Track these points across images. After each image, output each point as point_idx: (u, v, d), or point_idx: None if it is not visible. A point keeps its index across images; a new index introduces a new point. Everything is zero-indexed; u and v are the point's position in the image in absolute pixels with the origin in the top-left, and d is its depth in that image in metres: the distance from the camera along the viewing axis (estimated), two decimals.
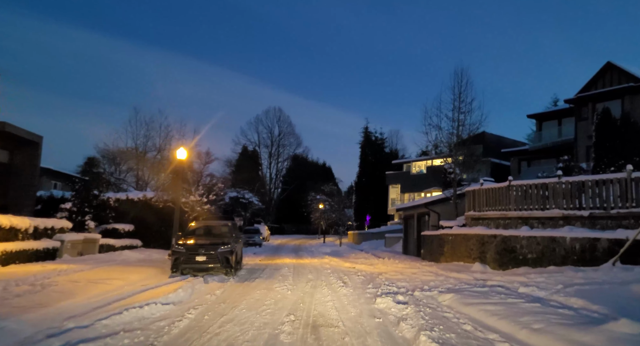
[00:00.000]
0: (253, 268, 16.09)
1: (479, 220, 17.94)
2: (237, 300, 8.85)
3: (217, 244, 12.50)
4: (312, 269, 16.63)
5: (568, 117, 29.71)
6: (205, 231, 13.91)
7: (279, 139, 66.69)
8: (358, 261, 20.67)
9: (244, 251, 27.84)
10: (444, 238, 18.59)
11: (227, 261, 12.43)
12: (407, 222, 27.24)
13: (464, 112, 21.10)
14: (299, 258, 23.08)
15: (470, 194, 18.68)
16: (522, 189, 15.82)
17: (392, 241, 31.68)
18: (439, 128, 21.47)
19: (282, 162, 67.81)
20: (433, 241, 20.12)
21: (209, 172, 22.89)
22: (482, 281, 12.29)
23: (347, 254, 26.45)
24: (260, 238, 35.60)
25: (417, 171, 49.46)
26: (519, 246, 14.65)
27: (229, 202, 35.33)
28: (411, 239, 26.12)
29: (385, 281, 12.43)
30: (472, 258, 16.58)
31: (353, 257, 23.91)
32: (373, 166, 58.05)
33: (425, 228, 23.57)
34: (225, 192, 36.12)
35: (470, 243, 16.71)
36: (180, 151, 15.67)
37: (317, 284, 11.70)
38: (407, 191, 49.61)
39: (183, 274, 12.31)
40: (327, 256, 24.58)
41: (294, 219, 64.80)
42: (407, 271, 15.61)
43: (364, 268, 17.37)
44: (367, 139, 60.17)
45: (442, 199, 22.40)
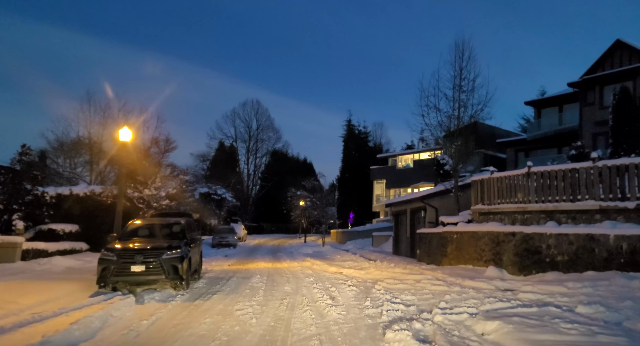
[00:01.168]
0: (217, 277, 12.91)
1: (489, 215, 15.14)
2: (168, 338, 5.74)
3: (161, 249, 9.32)
4: (291, 276, 13.56)
5: (570, 103, 27.31)
6: (149, 231, 10.68)
7: (257, 134, 63.22)
8: (345, 265, 17.69)
9: (214, 254, 24.65)
10: (447, 237, 15.75)
11: (176, 271, 9.26)
12: (398, 219, 24.41)
13: (466, 91, 18.34)
14: (276, 262, 19.97)
15: (477, 185, 15.88)
16: (546, 176, 13.04)
17: (380, 240, 28.83)
18: (437, 109, 18.63)
19: (260, 157, 64.36)
20: (432, 241, 17.28)
21: (169, 162, 19.57)
22: (511, 293, 9.43)
23: (331, 256, 23.43)
24: (234, 238, 32.31)
25: (403, 166, 46.81)
26: (545, 246, 11.88)
27: (199, 198, 31.98)
28: (403, 238, 23.28)
29: (386, 294, 9.46)
30: (483, 261, 13.76)
31: (339, 259, 20.91)
32: (357, 161, 55.28)
33: (421, 225, 20.75)
34: (195, 187, 32.75)
35: (481, 243, 13.89)
36: (123, 131, 12.41)
37: (295, 302, 8.63)
38: (393, 187, 46.93)
39: (115, 290, 9.10)
40: (309, 258, 21.54)
41: (273, 217, 61.48)
42: (408, 277, 12.68)
43: (353, 274, 14.40)
44: (350, 133, 57.31)
45: (440, 193, 19.60)
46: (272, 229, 61.97)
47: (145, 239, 10.06)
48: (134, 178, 17.12)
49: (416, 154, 45.37)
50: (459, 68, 18.43)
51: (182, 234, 10.56)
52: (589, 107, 24.77)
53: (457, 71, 18.46)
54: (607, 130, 23.15)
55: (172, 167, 19.25)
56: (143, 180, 17.54)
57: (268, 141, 64.28)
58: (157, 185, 17.73)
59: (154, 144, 19.23)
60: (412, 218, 21.93)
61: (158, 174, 18.43)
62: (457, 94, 18.37)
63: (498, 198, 14.69)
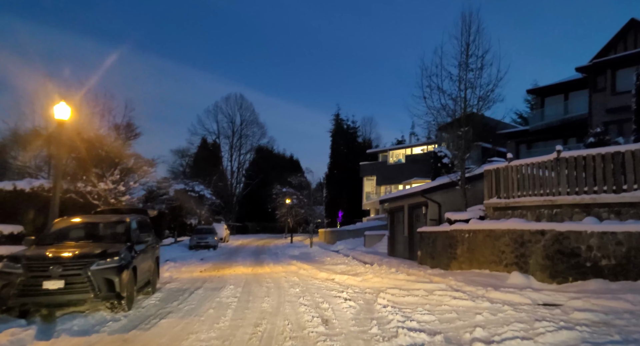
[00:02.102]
0: (179, 289, 10.39)
1: (506, 210, 12.88)
2: None
3: (89, 257, 6.80)
4: (273, 286, 11.11)
5: (577, 91, 25.34)
6: (83, 232, 8.12)
7: (241, 129, 60.43)
8: (337, 269, 15.31)
9: (189, 257, 22.04)
10: (456, 236, 13.46)
11: (110, 287, 6.77)
12: (394, 216, 22.11)
13: (474, 69, 16.06)
14: (258, 266, 17.49)
15: (491, 175, 13.61)
16: (580, 162, 10.80)
17: (374, 240, 26.52)
18: (440, 90, 16.31)
19: (244, 154, 61.58)
20: (436, 241, 14.99)
21: (133, 152, 16.94)
22: (561, 311, 7.18)
23: (320, 258, 21.03)
24: (214, 239, 29.74)
25: (394, 161, 44.67)
26: (585, 248, 9.63)
27: (174, 196, 29.29)
28: (400, 238, 20.98)
29: (395, 314, 7.12)
30: (503, 265, 11.49)
31: (329, 262, 18.51)
32: (345, 157, 52.95)
33: (421, 223, 18.47)
34: (171, 184, 30.04)
35: (501, 243, 11.61)
36: (59, 108, 9.83)
37: (275, 331, 6.19)
38: (384, 183, 44.78)
39: (24, 315, 6.56)
40: (296, 261, 19.11)
41: (258, 217, 58.82)
42: (416, 286, 10.34)
43: (348, 281, 12.04)
44: (338, 128, 54.92)
45: (443, 186, 17.32)
46: (257, 229, 59.34)
47: (73, 244, 7.51)
48: (88, 169, 14.51)
49: (408, 149, 43.28)
50: (466, 43, 16.15)
51: (126, 236, 8.01)
52: (600, 94, 22.78)
53: (464, 47, 16.17)
54: (621, 118, 21.16)
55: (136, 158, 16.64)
56: (100, 173, 14.93)
57: (252, 137, 61.66)
58: (115, 178, 15.06)
59: (114, 131, 16.64)
60: (410, 215, 19.64)
61: (119, 165, 15.80)
62: (464, 73, 16.09)
63: (518, 189, 12.42)
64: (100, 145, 15.44)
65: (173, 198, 29.38)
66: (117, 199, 15.06)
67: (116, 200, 15.05)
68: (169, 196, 28.91)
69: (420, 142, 44.59)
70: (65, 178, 14.24)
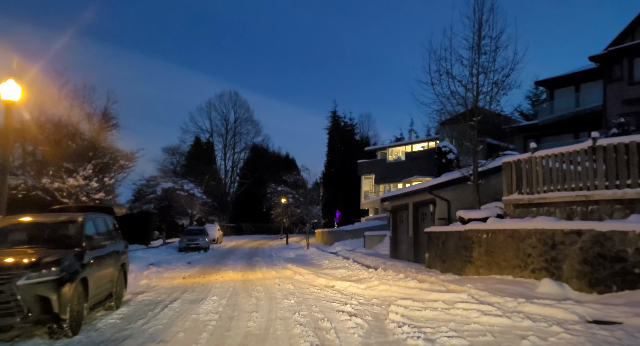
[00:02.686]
0: (152, 301, 8.78)
1: (529, 208, 11.36)
2: None
3: (15, 269, 5.20)
4: (264, 296, 9.54)
5: (590, 82, 23.92)
6: (24, 235, 6.49)
7: (235, 127, 58.68)
8: (337, 274, 13.75)
9: (176, 261, 20.34)
10: (472, 237, 11.92)
11: (45, 307, 5.19)
12: (397, 216, 20.57)
13: (487, 52, 14.54)
14: (250, 270, 15.91)
15: (511, 168, 12.10)
16: (621, 152, 9.28)
17: (374, 241, 24.99)
18: (450, 76, 14.76)
19: (239, 153, 59.84)
20: (447, 242, 13.46)
21: (109, 145, 15.11)
22: (623, 333, 5.64)
23: (318, 261, 19.46)
24: (205, 240, 28.10)
25: (394, 159, 43.16)
26: (632, 251, 8.11)
27: (162, 195, 27.61)
28: (403, 239, 19.45)
29: (415, 336, 5.60)
30: (529, 270, 9.96)
31: (328, 266, 16.94)
32: (343, 155, 51.45)
33: (427, 222, 16.95)
34: (158, 182, 28.40)
35: (526, 245, 10.07)
36: (7, 87, 8.20)
37: None
38: (383, 182, 43.29)
39: None
40: (291, 264, 17.54)
41: (253, 217, 57.16)
42: (432, 297, 8.80)
43: (351, 289, 10.50)
44: (335, 125, 53.37)
45: (453, 182, 15.79)
46: (251, 230, 57.67)
47: (5, 251, 5.89)
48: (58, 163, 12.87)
49: (408, 146, 41.80)
50: (478, 23, 14.59)
51: (77, 239, 6.40)
52: (615, 84, 21.33)
53: (476, 28, 14.61)
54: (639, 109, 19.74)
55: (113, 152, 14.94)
56: (72, 168, 13.27)
57: (247, 135, 59.89)
58: (87, 173, 13.38)
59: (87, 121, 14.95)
60: (415, 214, 18.10)
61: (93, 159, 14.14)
62: (476, 56, 14.55)
63: (544, 184, 10.91)
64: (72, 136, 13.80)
65: (161, 197, 27.73)
66: (89, 197, 13.45)
67: (88, 198, 13.43)
68: (157, 195, 27.27)
69: (421, 139, 43.13)
70: (28, 172, 12.57)
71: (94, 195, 13.59)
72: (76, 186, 13.04)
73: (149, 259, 19.78)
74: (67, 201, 12.93)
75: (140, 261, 18.28)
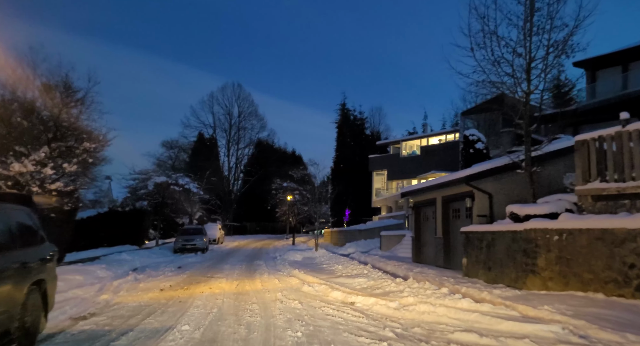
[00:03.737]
0: (90, 335, 5.99)
1: (619, 200, 8.46)
2: None
3: None
4: (259, 320, 6.77)
5: None
6: None
7: (239, 121, 55.87)
8: (356, 285, 10.95)
9: (166, 264, 17.47)
10: (535, 239, 9.04)
11: None
12: (421, 213, 17.71)
13: (541, 7, 11.58)
14: (247, 278, 13.13)
15: (587, 148, 9.21)
16: None
17: (391, 242, 22.15)
18: (496, 37, 11.82)
19: (243, 148, 57.01)
20: (495, 245, 10.61)
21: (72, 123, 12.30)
22: None
23: (329, 265, 16.64)
24: (203, 240, 25.43)
25: (408, 153, 40.24)
26: None
27: (153, 190, 24.93)
28: (430, 240, 16.59)
29: None
30: (633, 287, 7.08)
31: (342, 272, 14.11)
32: (352, 150, 48.58)
33: (462, 220, 14.12)
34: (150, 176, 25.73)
35: (627, 251, 7.20)
36: None
37: None
38: (396, 178, 40.38)
39: None
40: (298, 270, 14.76)
41: (258, 216, 54.40)
42: (503, 328, 6.00)
43: (378, 309, 7.79)
44: (344, 118, 50.44)
45: (496, 171, 12.90)
46: (256, 230, 54.94)
47: None
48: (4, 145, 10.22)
49: (423, 139, 38.82)
50: None
51: None
52: None
53: None
54: None
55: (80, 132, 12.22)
56: (26, 151, 10.63)
57: (251, 130, 57.04)
58: (38, 158, 10.62)
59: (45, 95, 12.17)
60: (445, 211, 15.23)
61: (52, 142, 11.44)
62: (528, 13, 11.59)
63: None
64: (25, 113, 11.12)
65: (153, 193, 25.07)
66: (43, 188, 10.74)
67: (41, 188, 10.73)
68: (148, 191, 24.61)
69: (437, 131, 40.17)
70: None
71: (50, 185, 10.90)
72: (23, 173, 10.36)
73: (133, 264, 17.11)
74: (15, 191, 10.27)
75: (122, 266, 15.61)
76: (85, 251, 21.60)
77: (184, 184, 24.99)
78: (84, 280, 11.47)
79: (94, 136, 12.28)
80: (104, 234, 25.50)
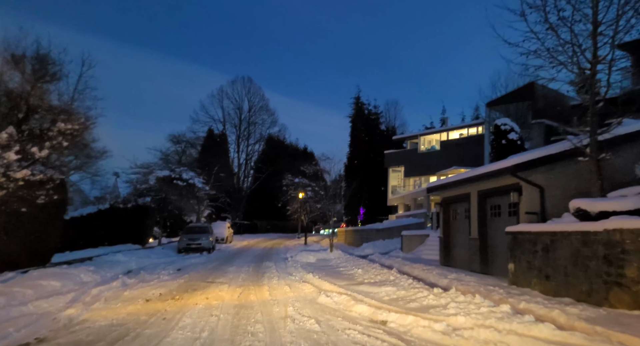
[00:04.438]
0: None
1: None
2: None
3: None
4: None
5: None
6: None
7: (249, 116, 54.08)
8: (383, 294, 9.01)
9: (167, 265, 15.63)
10: (620, 244, 7.02)
11: None
12: (450, 210, 15.69)
13: None
14: (254, 283, 11.25)
15: None
16: None
17: (413, 243, 20.14)
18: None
19: (253, 144, 55.20)
20: (555, 249, 8.61)
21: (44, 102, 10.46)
22: None
23: (347, 269, 14.69)
24: (209, 240, 23.67)
25: (426, 148, 38.06)
26: None
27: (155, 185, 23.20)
28: (462, 241, 14.55)
29: None
30: None
31: (363, 277, 12.14)
32: (367, 146, 46.46)
33: (503, 218, 12.08)
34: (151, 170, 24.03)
35: None
36: None
37: None
38: (413, 175, 38.28)
39: None
40: (312, 274, 12.86)
41: (268, 214, 52.63)
42: None
43: (420, 333, 5.96)
44: (358, 112, 48.33)
45: (548, 159, 10.82)
46: (267, 228, 53.18)
47: None
48: None
49: (443, 133, 36.60)
50: None
51: None
52: None
53: None
54: None
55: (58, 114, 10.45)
56: None
57: (262, 125, 55.20)
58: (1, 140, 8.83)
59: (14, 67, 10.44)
60: (482, 208, 13.18)
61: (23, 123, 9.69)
62: None
63: None
64: None
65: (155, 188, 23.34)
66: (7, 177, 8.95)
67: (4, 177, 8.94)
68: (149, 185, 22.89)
69: (458, 125, 37.92)
70: None
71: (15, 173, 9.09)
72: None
73: (127, 265, 15.37)
74: None
75: (113, 269, 13.86)
76: (81, 250, 19.99)
77: (188, 179, 23.18)
78: (60, 287, 9.70)
79: (73, 117, 10.53)
80: (104, 233, 23.89)
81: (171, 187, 23.41)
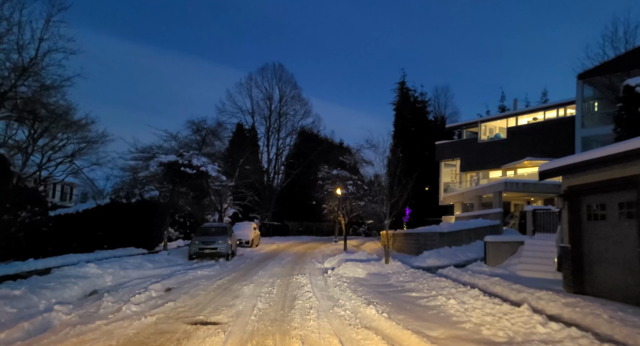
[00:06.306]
0: None
1: None
2: None
3: None
4: None
5: None
6: None
7: (280, 107, 49.24)
8: None
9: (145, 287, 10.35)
10: None
11: None
12: (583, 206, 10.09)
13: None
14: (275, 326, 6.03)
15: None
16: None
17: (501, 252, 14.54)
18: None
19: (284, 138, 50.34)
20: None
21: None
22: None
23: (425, 294, 9.28)
24: (227, 243, 18.85)
25: (489, 137, 32.10)
26: None
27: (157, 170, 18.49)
28: (614, 255, 8.92)
29: None
30: None
31: (468, 319, 6.73)
32: (413, 137, 40.78)
33: None
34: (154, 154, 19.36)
35: None
36: None
37: None
38: (471, 169, 32.42)
39: None
40: (373, 307, 7.58)
41: (301, 215, 47.64)
42: None
43: None
44: (403, 99, 42.68)
45: None
46: (299, 230, 48.20)
47: None
48: None
49: (511, 118, 30.53)
50: None
51: None
52: None
53: None
54: None
55: None
56: None
57: (294, 116, 50.14)
58: None
59: None
60: None
61: None
62: None
63: None
64: None
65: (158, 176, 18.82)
66: None
67: None
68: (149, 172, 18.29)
69: (529, 108, 31.74)
70: None
71: None
72: None
73: (97, 282, 10.61)
74: None
75: (63, 290, 9.11)
76: (59, 256, 15.50)
77: (200, 166, 18.29)
78: None
79: None
80: (102, 234, 19.49)
81: (178, 176, 18.62)
